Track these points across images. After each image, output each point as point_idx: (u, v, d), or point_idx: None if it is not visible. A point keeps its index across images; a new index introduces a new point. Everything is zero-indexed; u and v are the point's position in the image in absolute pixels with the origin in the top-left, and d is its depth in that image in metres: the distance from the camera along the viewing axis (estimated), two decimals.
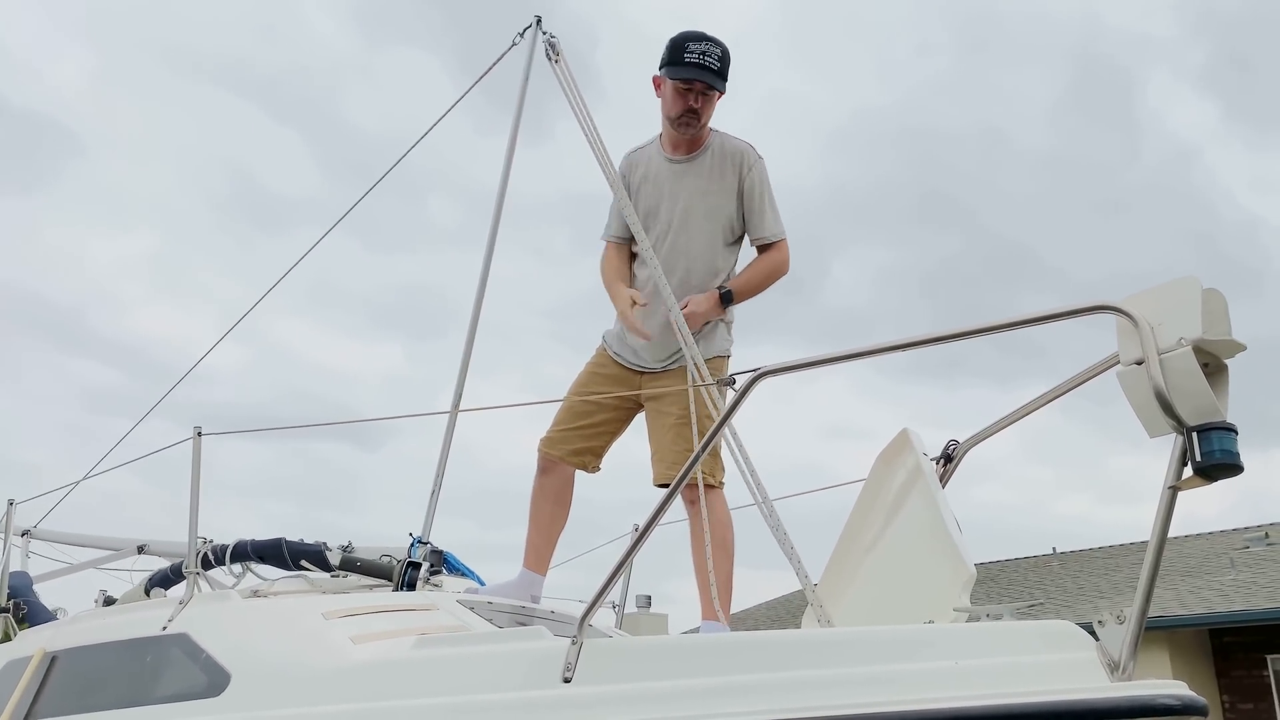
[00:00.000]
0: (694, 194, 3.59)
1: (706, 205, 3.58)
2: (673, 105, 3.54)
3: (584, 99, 3.62)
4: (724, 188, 3.59)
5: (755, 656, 2.18)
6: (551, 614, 3.42)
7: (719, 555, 3.26)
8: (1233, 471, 1.84)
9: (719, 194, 3.59)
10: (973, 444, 3.01)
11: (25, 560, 5.41)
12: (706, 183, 3.59)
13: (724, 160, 3.59)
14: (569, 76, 3.67)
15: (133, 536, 4.83)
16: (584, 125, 3.59)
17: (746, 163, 3.59)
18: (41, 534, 5.40)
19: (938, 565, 2.63)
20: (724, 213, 3.60)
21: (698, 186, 3.59)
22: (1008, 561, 20.29)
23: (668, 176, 3.63)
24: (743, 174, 3.58)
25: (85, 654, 3.47)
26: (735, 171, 3.59)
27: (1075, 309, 2.02)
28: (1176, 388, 1.85)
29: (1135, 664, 1.89)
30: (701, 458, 2.41)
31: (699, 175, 3.60)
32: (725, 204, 3.60)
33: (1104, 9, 29.34)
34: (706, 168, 3.60)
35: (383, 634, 2.82)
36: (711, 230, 3.59)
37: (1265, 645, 13.70)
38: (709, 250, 3.57)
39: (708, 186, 3.59)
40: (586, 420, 3.64)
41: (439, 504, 3.72)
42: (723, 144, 3.62)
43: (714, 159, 3.61)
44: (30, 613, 4.85)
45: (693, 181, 3.60)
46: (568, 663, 2.26)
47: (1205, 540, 17.99)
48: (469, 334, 3.80)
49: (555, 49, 3.75)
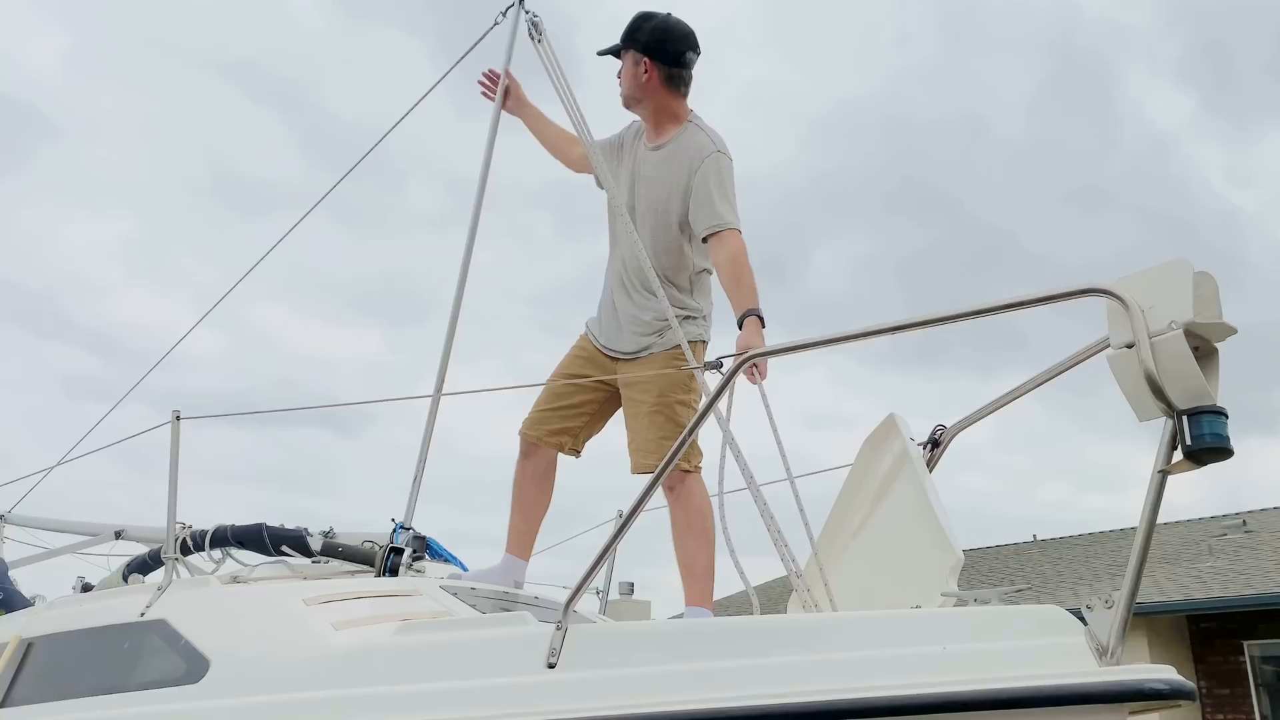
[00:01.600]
0: (658, 185, 3.52)
1: (654, 198, 3.52)
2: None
3: (568, 79, 3.59)
4: (674, 185, 3.47)
5: (740, 642, 2.17)
6: (535, 599, 3.40)
7: (698, 542, 3.25)
8: (1223, 455, 1.83)
9: (668, 189, 3.48)
10: (960, 429, 3.00)
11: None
12: (662, 174, 3.52)
13: (684, 154, 3.48)
14: (552, 56, 3.63)
15: (110, 522, 4.77)
16: (567, 106, 3.56)
17: (701, 157, 3.41)
18: (16, 519, 5.33)
19: (925, 550, 2.62)
20: (671, 209, 3.48)
21: (654, 178, 3.54)
22: (988, 549, 20.42)
23: (644, 165, 3.60)
24: (695, 167, 3.42)
25: (62, 641, 3.42)
26: (686, 169, 3.44)
27: (1065, 292, 2.01)
28: (1167, 371, 1.84)
29: (1123, 649, 1.88)
30: (688, 443, 2.38)
31: (658, 166, 3.55)
32: (673, 201, 3.47)
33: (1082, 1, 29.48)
34: (674, 160, 3.50)
35: (364, 620, 2.79)
36: (656, 224, 3.50)
37: (1242, 632, 13.85)
38: (653, 244, 3.47)
39: (661, 179, 3.51)
40: (564, 401, 3.62)
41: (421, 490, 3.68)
42: (689, 139, 3.50)
43: (674, 152, 3.52)
44: (6, 599, 4.79)
45: (658, 172, 3.54)
46: (552, 648, 2.24)
47: (1184, 528, 18.15)
48: (451, 319, 3.75)
49: (538, 29, 3.71)
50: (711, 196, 3.34)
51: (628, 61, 3.58)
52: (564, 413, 3.62)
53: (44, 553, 5.17)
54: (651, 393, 3.38)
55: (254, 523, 3.93)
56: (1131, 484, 3.03)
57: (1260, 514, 17.68)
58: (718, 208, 3.33)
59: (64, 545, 5.07)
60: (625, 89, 3.61)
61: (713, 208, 3.33)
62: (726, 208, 3.34)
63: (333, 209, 4.25)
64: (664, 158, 3.54)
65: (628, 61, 3.58)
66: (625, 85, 3.61)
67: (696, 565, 3.23)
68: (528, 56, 3.77)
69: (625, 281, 3.57)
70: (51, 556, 5.13)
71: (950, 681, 1.90)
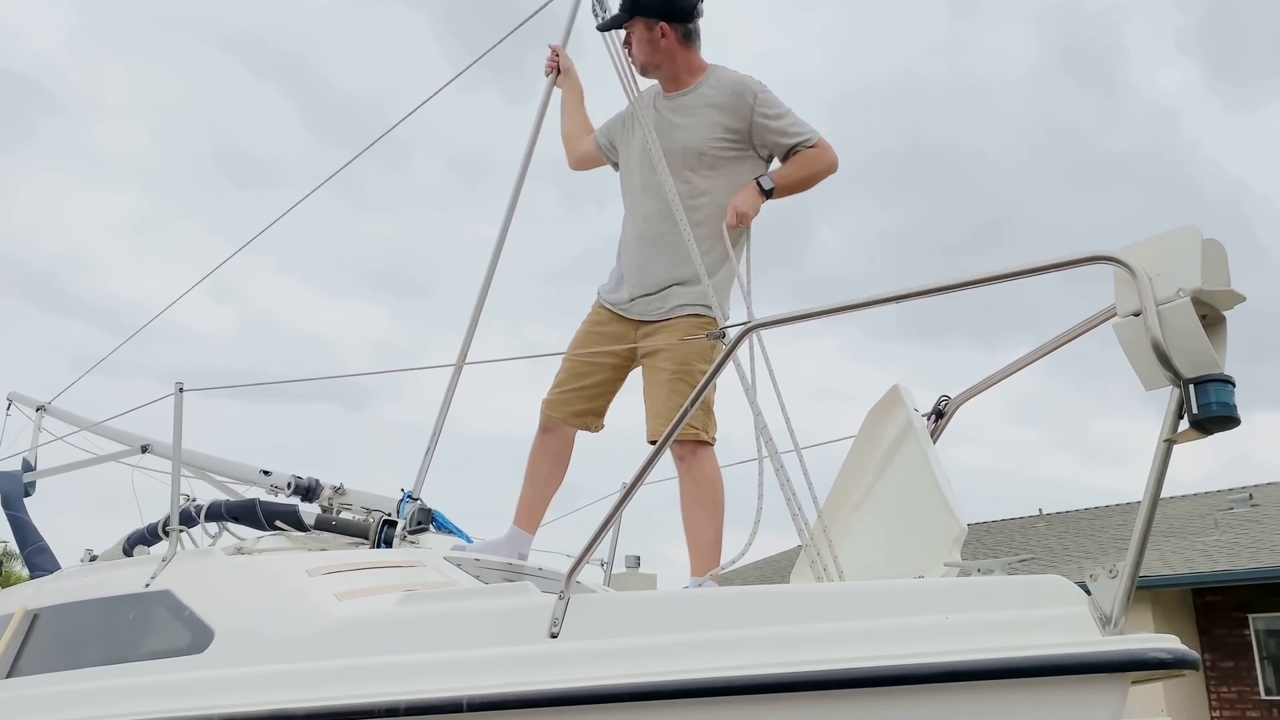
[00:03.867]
0: (687, 129, 3.47)
1: (700, 141, 3.45)
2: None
3: (628, 61, 3.53)
4: (721, 124, 3.44)
5: (742, 611, 2.16)
6: (539, 571, 3.40)
7: (708, 513, 3.23)
8: (1229, 424, 1.81)
9: (714, 129, 3.45)
10: (965, 399, 2.98)
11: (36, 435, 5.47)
12: (702, 117, 3.47)
13: (720, 94, 3.47)
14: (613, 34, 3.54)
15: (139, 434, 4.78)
16: (626, 87, 3.51)
17: (748, 94, 3.42)
18: (55, 411, 5.44)
19: (929, 520, 2.61)
20: (721, 149, 3.44)
21: (691, 122, 3.48)
22: (994, 523, 20.45)
23: (664, 112, 3.54)
24: (750, 105, 3.41)
25: (67, 611, 3.44)
26: (736, 107, 3.43)
27: (1072, 259, 1.98)
28: (1174, 339, 1.82)
29: (1126, 618, 1.87)
30: (691, 412, 2.36)
31: (693, 110, 3.49)
32: (723, 140, 3.44)
33: None
34: (705, 101, 3.48)
35: (368, 590, 2.79)
36: (710, 165, 3.45)
37: (1247, 605, 13.89)
38: (705, 185, 3.43)
39: (702, 120, 3.46)
40: (587, 381, 3.59)
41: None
42: (720, 79, 3.51)
43: (710, 93, 3.49)
44: (19, 532, 4.87)
45: (685, 118, 3.49)
46: (554, 618, 2.24)
47: (1190, 501, 18.15)
48: (481, 292, 3.75)
49: (602, 4, 3.61)
50: (785, 118, 3.42)
51: (639, 30, 3.50)
52: (587, 393, 3.59)
53: (70, 464, 5.20)
54: (673, 360, 3.35)
55: (248, 498, 3.96)
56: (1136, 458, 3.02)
57: (1266, 488, 17.67)
58: (793, 129, 3.41)
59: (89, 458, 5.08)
60: (642, 57, 3.53)
61: (788, 131, 3.41)
62: (801, 125, 3.42)
63: (338, 185, 4.23)
64: (693, 101, 3.50)
65: (639, 30, 3.50)
66: (641, 54, 3.53)
67: (704, 537, 3.22)
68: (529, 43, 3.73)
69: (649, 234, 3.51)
70: (78, 467, 5.14)
71: (953, 651, 1.89)
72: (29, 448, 5.52)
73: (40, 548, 5.11)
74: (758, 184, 3.38)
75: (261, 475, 4.30)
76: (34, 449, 5.51)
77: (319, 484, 4.05)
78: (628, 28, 3.53)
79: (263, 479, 4.29)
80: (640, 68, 3.57)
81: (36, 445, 5.51)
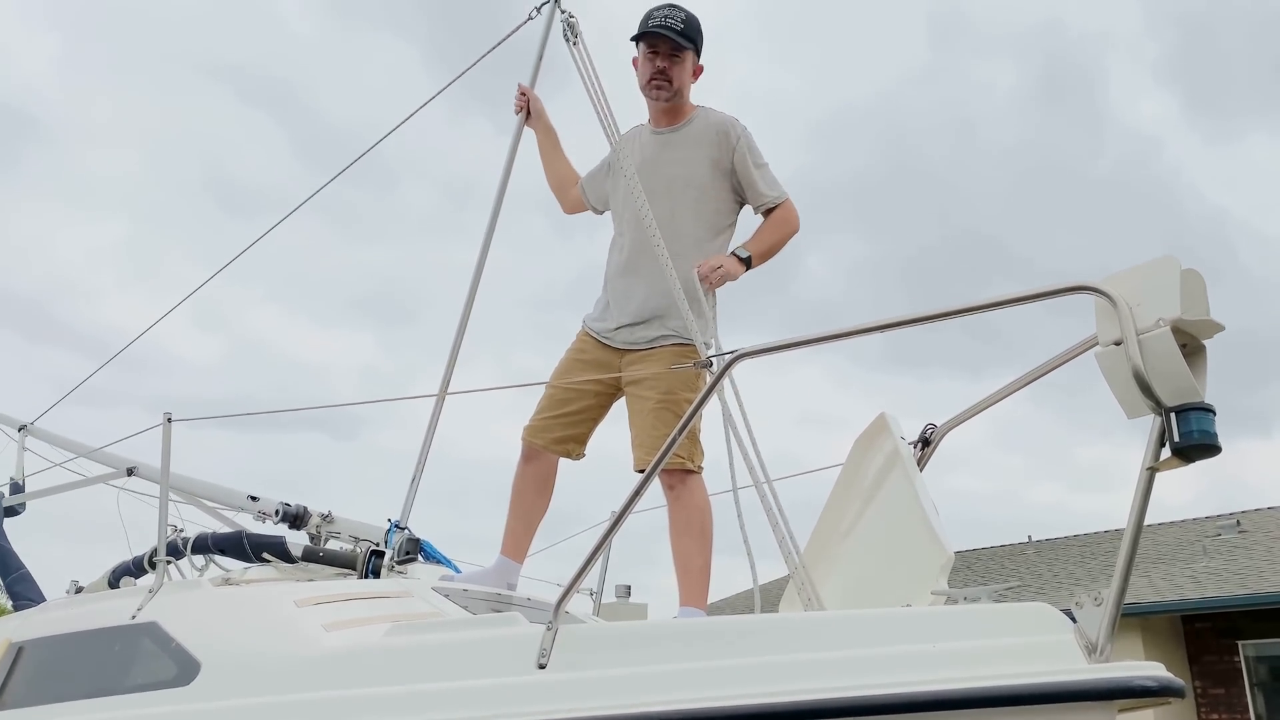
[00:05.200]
0: (678, 163, 3.55)
1: (689, 174, 3.54)
2: (643, 72, 3.59)
3: (602, 85, 3.53)
4: (709, 158, 3.54)
5: (731, 641, 2.16)
6: (528, 601, 3.39)
7: (697, 542, 3.24)
8: (1211, 452, 1.83)
9: (703, 164, 3.55)
10: (950, 427, 3.00)
11: (20, 455, 5.36)
12: (692, 152, 3.56)
13: (708, 131, 3.57)
14: (587, 60, 3.56)
15: (126, 457, 4.73)
16: (600, 113, 3.51)
17: (733, 134, 3.54)
18: (40, 434, 5.34)
19: (916, 549, 2.62)
20: (710, 184, 3.55)
21: (682, 156, 3.56)
22: (984, 549, 20.44)
23: (652, 147, 3.61)
24: (732, 144, 3.53)
25: (53, 644, 3.41)
26: (721, 143, 3.54)
27: (1054, 289, 2.01)
28: (1155, 368, 1.84)
29: (1113, 646, 1.88)
30: (679, 441, 2.38)
31: (684, 145, 3.57)
32: (711, 175, 3.55)
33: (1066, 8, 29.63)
34: (693, 138, 3.57)
35: (356, 621, 2.78)
36: (697, 199, 3.54)
37: (1236, 631, 13.88)
38: (694, 219, 3.52)
39: (693, 155, 3.56)
40: (569, 408, 3.60)
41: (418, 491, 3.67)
42: (707, 117, 3.61)
43: (699, 130, 3.58)
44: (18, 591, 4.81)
45: (676, 152, 3.57)
46: (542, 649, 2.24)
47: (1178, 528, 18.18)
48: (461, 321, 3.75)
49: (574, 30, 3.62)
50: (759, 172, 3.57)
51: (687, 60, 3.58)
52: (568, 419, 3.60)
53: (54, 487, 5.12)
54: (657, 390, 3.37)
55: (234, 530, 3.94)
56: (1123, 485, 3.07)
57: (1254, 514, 17.72)
58: (764, 183, 3.57)
59: (75, 480, 5.00)
60: (675, 86, 3.58)
61: (760, 184, 3.57)
62: (772, 181, 3.59)
63: (326, 213, 4.26)
64: (684, 138, 3.59)
65: (687, 60, 3.58)
66: (679, 80, 3.58)
67: (693, 565, 3.22)
68: (518, 58, 3.75)
69: (635, 264, 3.56)
70: (62, 490, 5.04)
71: (940, 679, 1.90)
72: (13, 468, 5.43)
73: (22, 575, 5.05)
74: (736, 256, 3.46)
75: (249, 501, 4.29)
76: (19, 468, 5.43)
77: (307, 511, 4.05)
78: (679, 53, 3.56)
79: (250, 505, 4.27)
80: (669, 95, 3.59)
81: (22, 464, 5.43)
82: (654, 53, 3.55)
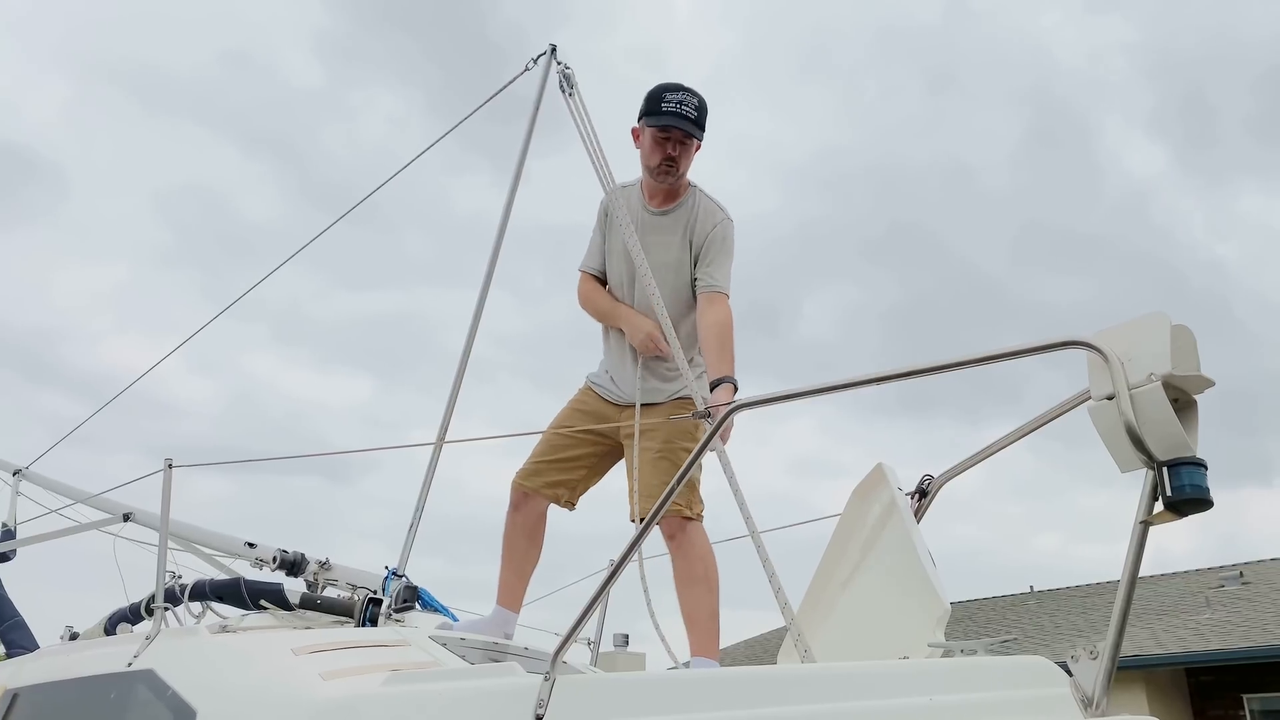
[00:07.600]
0: (664, 249, 3.61)
1: (671, 259, 3.61)
2: (651, 154, 3.60)
3: (597, 136, 3.56)
4: (686, 239, 3.61)
5: (727, 693, 2.16)
6: (525, 650, 3.38)
7: (701, 590, 3.24)
8: (1203, 506, 1.85)
9: (683, 247, 3.62)
10: (947, 479, 3.02)
11: (14, 500, 5.33)
12: (679, 239, 3.63)
13: (694, 219, 3.63)
14: (583, 112, 3.59)
15: (122, 502, 4.70)
16: (596, 164, 3.55)
17: (713, 221, 3.61)
18: (34, 477, 5.31)
19: (912, 601, 2.62)
20: (683, 263, 3.61)
21: (669, 242, 3.63)
22: (986, 599, 20.28)
23: (645, 227, 3.65)
24: (708, 230, 3.59)
25: (48, 691, 3.40)
26: (699, 228, 3.61)
27: (1046, 344, 2.03)
28: (1147, 423, 1.86)
29: (1109, 699, 1.89)
30: (677, 490, 2.39)
31: (672, 231, 3.64)
32: (681, 253, 3.61)
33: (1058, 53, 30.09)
34: (682, 224, 3.64)
35: (353, 670, 2.77)
36: (674, 282, 3.59)
37: (1242, 685, 13.72)
38: (674, 305, 3.53)
39: (677, 241, 3.62)
40: (563, 454, 3.63)
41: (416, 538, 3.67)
42: (697, 203, 3.66)
43: (687, 216, 3.64)
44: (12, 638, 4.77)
45: (665, 237, 3.63)
46: (540, 699, 2.23)
47: (1180, 579, 18.05)
48: (460, 367, 3.77)
49: (570, 81, 3.64)
50: (717, 259, 3.57)
51: (695, 148, 3.60)
52: (562, 465, 3.62)
53: (49, 533, 5.07)
54: (657, 439, 3.41)
55: (232, 577, 3.94)
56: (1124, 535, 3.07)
57: (1257, 565, 17.61)
58: (719, 271, 3.57)
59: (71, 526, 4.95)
60: (681, 171, 3.61)
61: (715, 269, 3.56)
62: (724, 275, 3.58)
63: (327, 260, 4.31)
64: (672, 222, 3.64)
65: (695, 148, 3.60)
66: (682, 169, 3.61)
67: (700, 614, 3.22)
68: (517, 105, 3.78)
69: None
70: (58, 536, 4.99)
71: None
72: (7, 513, 5.41)
73: (16, 623, 5.03)
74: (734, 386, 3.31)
75: (246, 548, 4.28)
76: (12, 514, 5.41)
77: (304, 558, 4.05)
78: (688, 140, 3.57)
79: (247, 551, 4.27)
80: (675, 178, 3.62)
81: (14, 510, 5.41)
82: (665, 138, 3.55)
